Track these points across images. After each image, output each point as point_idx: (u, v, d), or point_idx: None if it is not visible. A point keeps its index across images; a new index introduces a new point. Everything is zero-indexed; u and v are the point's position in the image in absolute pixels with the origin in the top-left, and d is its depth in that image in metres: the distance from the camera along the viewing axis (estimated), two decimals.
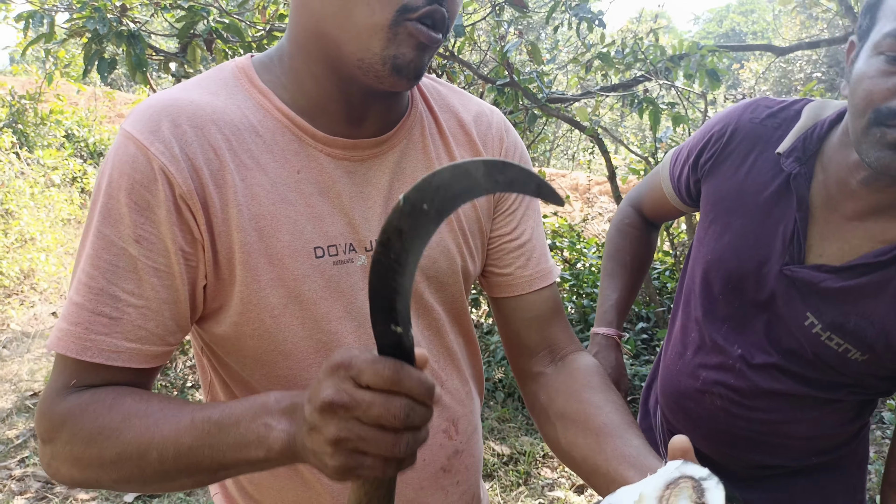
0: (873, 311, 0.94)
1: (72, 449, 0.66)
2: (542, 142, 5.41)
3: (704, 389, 1.12)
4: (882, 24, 0.84)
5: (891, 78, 0.82)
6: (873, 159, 0.84)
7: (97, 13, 2.96)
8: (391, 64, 0.67)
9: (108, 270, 0.67)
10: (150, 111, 0.68)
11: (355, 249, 0.75)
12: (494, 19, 3.69)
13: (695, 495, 0.53)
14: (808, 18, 12.45)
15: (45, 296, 5.82)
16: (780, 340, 1.04)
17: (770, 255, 1.01)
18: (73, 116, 9.32)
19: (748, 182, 1.04)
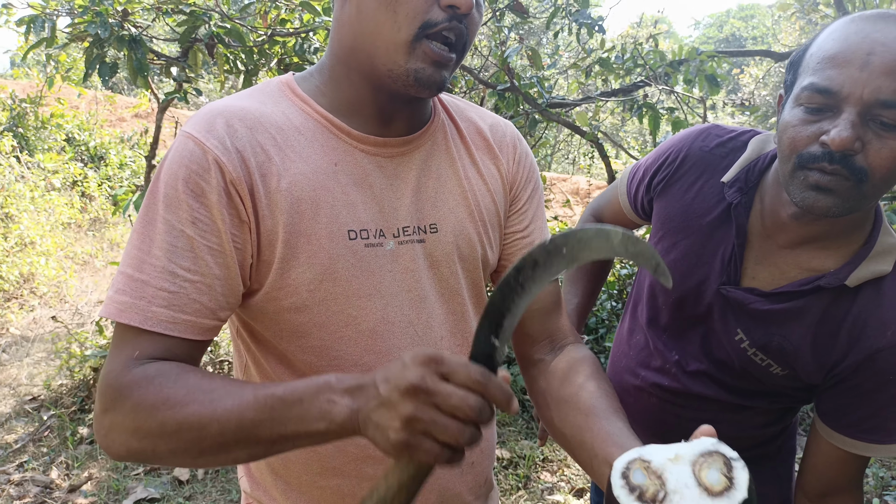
0: (792, 333, 1.04)
1: (135, 417, 0.71)
2: (543, 146, 5.42)
3: (642, 387, 1.24)
4: (802, 79, 0.93)
5: (810, 126, 0.90)
6: (799, 199, 0.93)
7: (99, 18, 2.97)
8: (414, 76, 0.78)
9: (168, 250, 0.75)
10: (206, 115, 0.79)
11: (385, 235, 0.84)
12: (495, 24, 3.70)
13: (724, 469, 0.58)
14: (807, 24, 12.49)
15: (45, 300, 5.81)
16: (713, 351, 1.13)
17: (709, 275, 1.10)
18: (73, 120, 9.32)
19: (694, 206, 1.13)
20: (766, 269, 1.06)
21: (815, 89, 0.89)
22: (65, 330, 4.55)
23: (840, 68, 0.86)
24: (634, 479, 0.60)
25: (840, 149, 0.86)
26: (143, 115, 11.80)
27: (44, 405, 3.87)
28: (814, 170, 0.90)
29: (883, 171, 0.87)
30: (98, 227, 7.76)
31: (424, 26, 0.75)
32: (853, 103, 0.85)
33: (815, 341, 1.02)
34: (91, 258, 6.94)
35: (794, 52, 1.00)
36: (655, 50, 3.88)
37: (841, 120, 0.86)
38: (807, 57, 0.95)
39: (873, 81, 0.84)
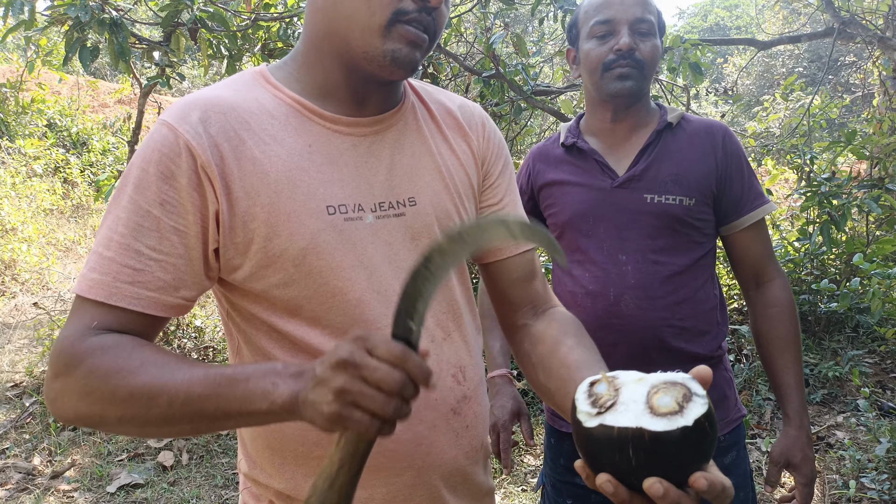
0: (675, 167, 1.45)
1: (86, 383, 0.75)
2: (529, 134, 5.43)
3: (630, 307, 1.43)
4: (585, 26, 1.44)
5: (603, 46, 1.40)
6: (613, 88, 1.40)
7: (79, 0, 2.93)
8: (391, 57, 0.82)
9: (135, 229, 0.79)
10: (182, 104, 0.83)
11: (363, 209, 0.87)
12: (480, 11, 3.70)
13: (681, 399, 0.61)
14: (790, 13, 12.55)
15: (27, 286, 5.77)
16: (647, 225, 1.45)
17: (600, 186, 1.46)
18: (55, 106, 9.19)
19: (562, 170, 1.51)
20: (621, 157, 1.46)
21: (599, 22, 1.40)
22: (47, 316, 4.52)
23: (609, 8, 1.39)
24: (597, 388, 0.65)
25: (626, 48, 1.36)
26: (125, 101, 11.65)
27: (26, 392, 3.85)
28: (616, 67, 1.38)
29: (649, 58, 1.39)
30: (80, 214, 7.69)
31: (396, 13, 0.80)
32: (624, 24, 1.38)
33: (693, 162, 1.43)
34: (74, 244, 6.88)
35: (569, 21, 1.53)
36: None
37: (622, 34, 1.37)
38: (581, 15, 1.46)
39: (630, 10, 1.38)
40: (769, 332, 1.46)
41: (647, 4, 1.40)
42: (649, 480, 0.59)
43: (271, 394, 0.70)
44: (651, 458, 0.59)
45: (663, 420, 0.59)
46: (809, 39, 4.29)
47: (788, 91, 4.99)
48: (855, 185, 3.58)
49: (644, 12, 1.39)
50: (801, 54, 16.09)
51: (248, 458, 0.98)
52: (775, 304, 1.46)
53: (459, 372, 0.95)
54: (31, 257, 5.92)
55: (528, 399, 3.45)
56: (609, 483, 0.61)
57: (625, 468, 0.61)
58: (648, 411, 0.60)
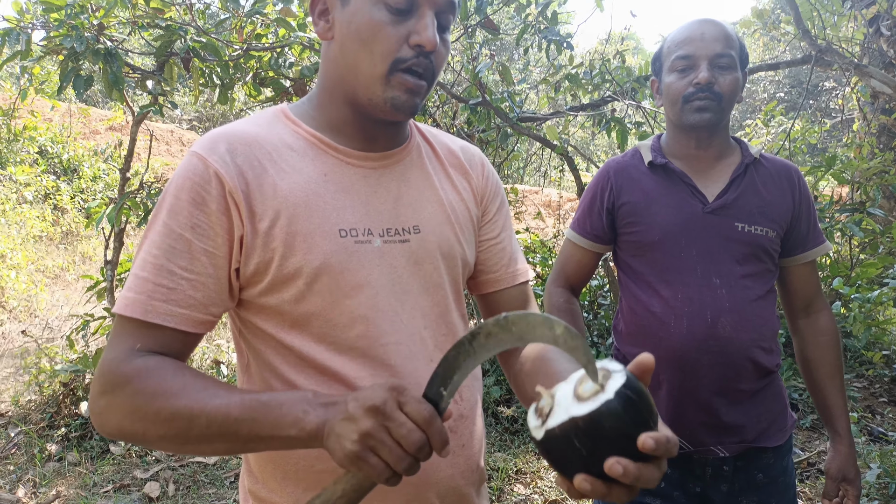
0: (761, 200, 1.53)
1: (133, 401, 0.82)
2: (515, 159, 5.50)
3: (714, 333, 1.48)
4: (667, 60, 1.52)
5: (684, 80, 1.48)
6: (692, 119, 1.47)
7: (75, 31, 2.98)
8: (391, 103, 0.91)
9: (168, 251, 0.86)
10: (210, 137, 0.92)
11: (372, 234, 0.95)
12: (467, 41, 3.78)
13: (602, 379, 0.66)
14: (770, 40, 12.83)
15: (14, 314, 5.73)
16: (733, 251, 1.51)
17: (689, 208, 1.51)
18: (47, 133, 9.21)
19: (643, 186, 1.57)
20: (709, 184, 1.52)
21: (680, 58, 1.48)
22: (34, 345, 4.49)
23: (691, 43, 1.47)
24: (540, 403, 0.71)
25: (705, 82, 1.44)
26: (117, 128, 11.69)
27: (11, 422, 3.81)
28: (695, 100, 1.46)
29: (728, 91, 1.46)
30: (70, 241, 7.67)
31: (396, 62, 0.88)
32: (704, 59, 1.45)
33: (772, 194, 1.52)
34: (63, 271, 6.86)
35: (654, 54, 1.61)
36: (622, 66, 3.99)
37: (701, 69, 1.45)
38: (664, 50, 1.55)
39: (710, 45, 1.45)
40: (820, 358, 1.58)
41: (728, 39, 1.46)
42: (608, 462, 0.62)
43: (301, 420, 0.77)
44: (595, 440, 0.63)
45: (588, 403, 0.64)
46: (788, 66, 4.40)
47: (769, 117, 5.10)
48: (837, 209, 3.65)
49: (725, 47, 1.45)
50: (781, 80, 16.41)
51: (251, 475, 1.02)
52: (826, 333, 1.59)
53: (457, 392, 1.00)
54: (19, 284, 5.90)
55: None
56: (585, 482, 0.64)
57: (582, 460, 0.64)
58: (576, 401, 0.65)
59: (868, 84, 4.32)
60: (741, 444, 1.48)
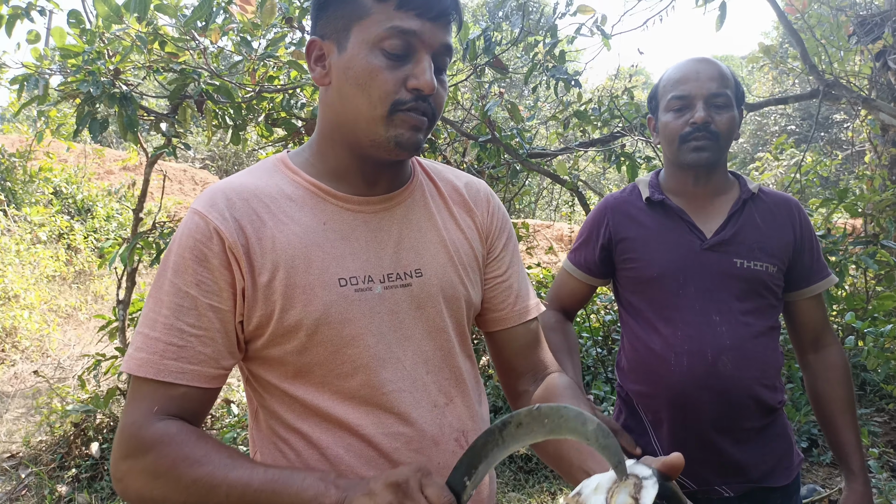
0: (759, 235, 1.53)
1: (155, 469, 0.84)
2: (526, 194, 5.52)
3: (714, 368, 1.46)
4: (663, 100, 1.53)
5: (680, 119, 1.49)
6: (689, 159, 1.48)
7: (91, 76, 3.05)
8: (394, 142, 0.91)
9: (176, 310, 0.88)
10: (209, 193, 0.94)
11: (373, 280, 0.94)
12: (476, 80, 3.83)
13: (633, 490, 0.65)
14: (780, 74, 12.91)
15: (27, 354, 5.75)
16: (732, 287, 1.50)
17: (686, 244, 1.51)
18: (62, 174, 9.36)
19: (640, 221, 1.57)
20: (707, 220, 1.52)
21: (676, 97, 1.49)
22: (46, 384, 4.49)
23: (686, 83, 1.48)
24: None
25: (702, 122, 1.44)
26: (131, 168, 11.86)
27: (22, 462, 3.79)
28: (692, 139, 1.46)
29: (725, 130, 1.46)
30: (83, 280, 7.73)
31: (395, 105, 0.89)
32: (700, 98, 1.46)
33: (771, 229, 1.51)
34: (75, 311, 6.89)
35: (650, 93, 1.63)
36: (631, 102, 4.02)
37: (697, 108, 1.45)
38: (660, 89, 1.56)
39: (706, 85, 1.46)
40: (830, 393, 1.55)
41: (723, 78, 1.47)
42: None
43: (322, 495, 0.79)
44: None
45: None
46: (796, 101, 4.41)
47: (779, 150, 5.10)
48: (850, 241, 3.62)
49: (720, 87, 1.46)
50: (792, 113, 16.48)
51: None
52: (835, 368, 1.56)
53: (462, 436, 1.00)
54: (32, 324, 5.92)
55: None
56: None
57: None
58: None
59: (877, 117, 4.32)
60: (746, 484, 1.45)
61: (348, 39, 0.91)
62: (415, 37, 0.88)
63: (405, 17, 0.88)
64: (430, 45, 0.90)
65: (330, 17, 0.93)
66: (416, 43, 0.89)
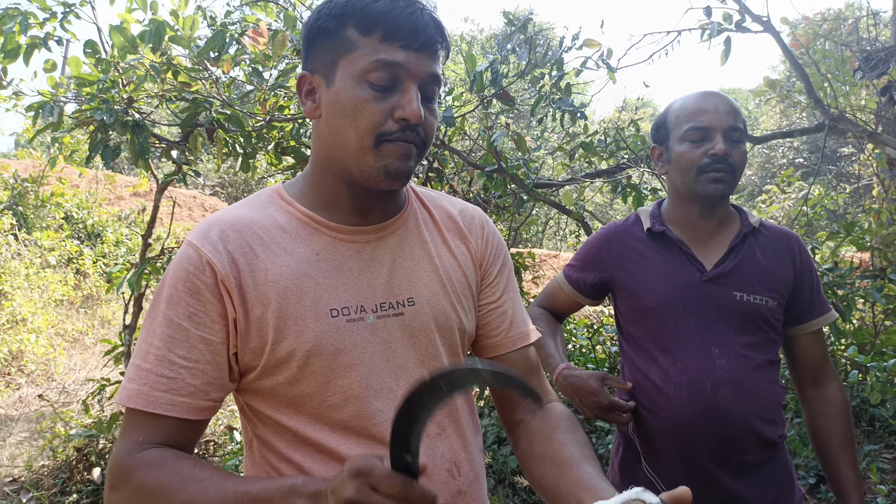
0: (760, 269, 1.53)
1: (134, 497, 0.85)
2: (533, 224, 5.54)
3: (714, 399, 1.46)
4: (678, 129, 1.52)
5: (698, 150, 1.48)
6: (707, 190, 1.48)
7: (105, 104, 3.11)
8: (383, 172, 0.92)
9: (168, 342, 0.89)
10: (204, 225, 0.95)
11: (365, 310, 0.95)
12: (483, 111, 3.87)
13: None
14: (787, 107, 12.97)
15: (32, 378, 5.75)
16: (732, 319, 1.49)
17: (685, 276, 1.52)
18: (73, 199, 9.48)
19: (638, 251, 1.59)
20: (707, 253, 1.53)
21: (695, 128, 1.49)
22: (50, 409, 4.49)
23: (705, 115, 1.48)
24: None
25: (722, 153, 1.45)
26: (141, 194, 11.99)
27: (24, 487, 3.77)
28: (711, 171, 1.47)
29: (740, 163, 1.49)
30: (90, 305, 7.77)
31: (381, 135, 0.90)
32: (718, 131, 1.47)
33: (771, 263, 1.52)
34: (81, 335, 6.91)
35: (654, 122, 1.62)
36: (637, 134, 4.05)
37: (716, 140, 1.46)
38: (671, 119, 1.56)
39: (724, 118, 1.47)
40: (830, 429, 1.54)
41: (737, 113, 1.50)
42: None
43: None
44: None
45: None
46: (802, 134, 4.44)
47: (786, 183, 5.11)
48: (858, 275, 3.60)
49: (736, 121, 1.49)
50: (800, 146, 16.53)
51: None
52: (835, 404, 1.55)
53: (454, 467, 0.99)
54: (38, 348, 5.94)
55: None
56: None
57: None
58: None
59: (883, 151, 4.33)
60: None
61: (336, 73, 0.93)
62: (400, 68, 0.90)
63: (390, 49, 0.90)
64: (416, 75, 0.91)
65: (318, 52, 0.95)
66: (401, 74, 0.90)
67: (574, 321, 5.06)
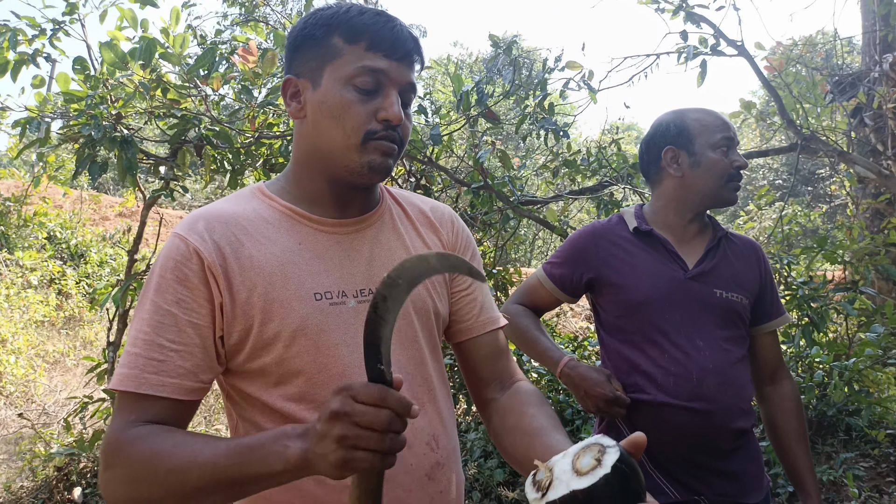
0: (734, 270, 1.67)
1: (130, 469, 0.87)
2: (518, 241, 5.61)
3: None
4: (706, 138, 1.62)
5: (726, 159, 1.60)
6: (731, 197, 1.61)
7: (93, 120, 3.14)
8: (367, 167, 1.00)
9: (157, 326, 0.93)
10: (190, 218, 1.00)
11: (346, 295, 1.01)
12: (469, 130, 3.95)
13: (598, 454, 0.72)
14: (765, 129, 13.25)
15: (11, 399, 5.67)
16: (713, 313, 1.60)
17: (670, 274, 1.62)
18: (56, 219, 9.41)
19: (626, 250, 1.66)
20: (688, 253, 1.64)
21: (728, 138, 1.62)
22: (30, 430, 4.43)
23: (728, 129, 1.63)
24: (538, 476, 0.76)
25: (745, 167, 1.60)
26: (126, 214, 11.93)
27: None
28: (736, 181, 1.61)
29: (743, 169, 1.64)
30: (72, 326, 7.68)
31: (367, 134, 0.99)
32: (736, 144, 1.63)
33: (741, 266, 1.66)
34: (63, 357, 6.83)
35: (665, 127, 1.69)
36: (618, 153, 4.16)
37: (738, 154, 1.61)
38: (697, 126, 1.64)
39: (732, 129, 1.63)
40: (786, 423, 1.67)
41: None
42: None
43: (284, 454, 0.80)
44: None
45: (588, 477, 0.70)
46: (776, 153, 4.57)
47: (762, 202, 5.24)
48: (831, 288, 3.69)
49: None
50: (779, 168, 16.86)
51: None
52: (791, 399, 1.69)
53: (433, 440, 1.06)
54: (18, 369, 5.86)
55: None
56: None
57: None
58: (575, 475, 0.71)
59: (853, 170, 4.47)
60: (723, 498, 1.52)
61: (322, 77, 1.01)
62: (383, 74, 0.99)
63: (374, 57, 0.99)
64: (396, 81, 1.01)
65: (304, 57, 1.03)
66: (384, 80, 1.00)
67: (560, 335, 5.11)
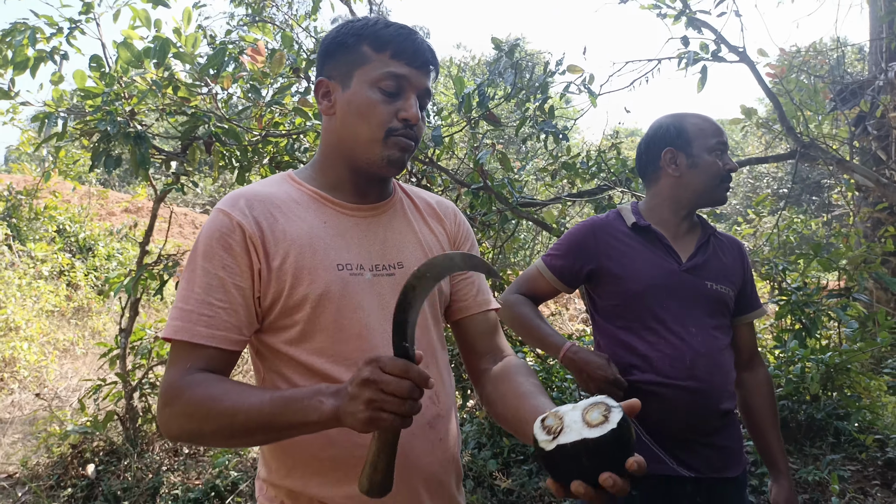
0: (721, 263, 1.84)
1: (186, 408, 1.05)
2: (516, 242, 5.70)
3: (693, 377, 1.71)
4: (702, 141, 1.78)
5: (720, 161, 1.77)
6: (724, 197, 1.79)
7: (109, 116, 3.26)
8: (387, 160, 1.16)
9: (207, 287, 1.09)
10: (233, 196, 1.16)
11: (364, 269, 1.18)
12: (470, 132, 4.06)
13: (605, 412, 0.84)
14: (770, 137, 13.27)
15: (25, 384, 5.82)
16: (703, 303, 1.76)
17: (667, 266, 1.76)
18: (66, 213, 9.58)
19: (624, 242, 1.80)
20: (681, 248, 1.79)
21: (723, 143, 1.78)
22: (44, 411, 4.57)
23: (722, 134, 1.78)
24: (547, 422, 0.88)
25: (735, 170, 1.78)
26: (132, 210, 12.10)
27: (19, 482, 3.85)
28: (727, 182, 1.79)
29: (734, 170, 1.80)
30: (81, 316, 7.83)
31: (389, 131, 1.15)
32: (727, 148, 1.78)
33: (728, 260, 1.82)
34: (72, 345, 6.97)
35: (664, 129, 1.83)
36: (617, 157, 4.25)
37: (729, 158, 1.78)
38: (695, 129, 1.79)
39: (725, 135, 1.78)
40: (762, 406, 1.85)
41: None
42: (603, 475, 0.80)
43: (319, 409, 0.96)
44: (597, 458, 0.81)
45: (597, 429, 0.82)
46: (776, 160, 4.65)
47: (761, 209, 5.33)
48: (825, 294, 3.78)
49: None
50: (783, 176, 16.89)
51: (266, 465, 1.22)
52: (765, 384, 1.88)
53: (435, 395, 1.22)
54: (31, 356, 6.01)
55: None
56: (580, 486, 0.82)
57: (582, 472, 0.82)
58: (586, 426, 0.83)
59: (852, 178, 4.54)
60: (709, 470, 1.67)
61: (351, 80, 1.17)
62: (405, 80, 1.15)
63: (398, 64, 1.15)
64: (416, 86, 1.17)
65: (336, 62, 1.20)
66: (405, 84, 1.16)
67: None
